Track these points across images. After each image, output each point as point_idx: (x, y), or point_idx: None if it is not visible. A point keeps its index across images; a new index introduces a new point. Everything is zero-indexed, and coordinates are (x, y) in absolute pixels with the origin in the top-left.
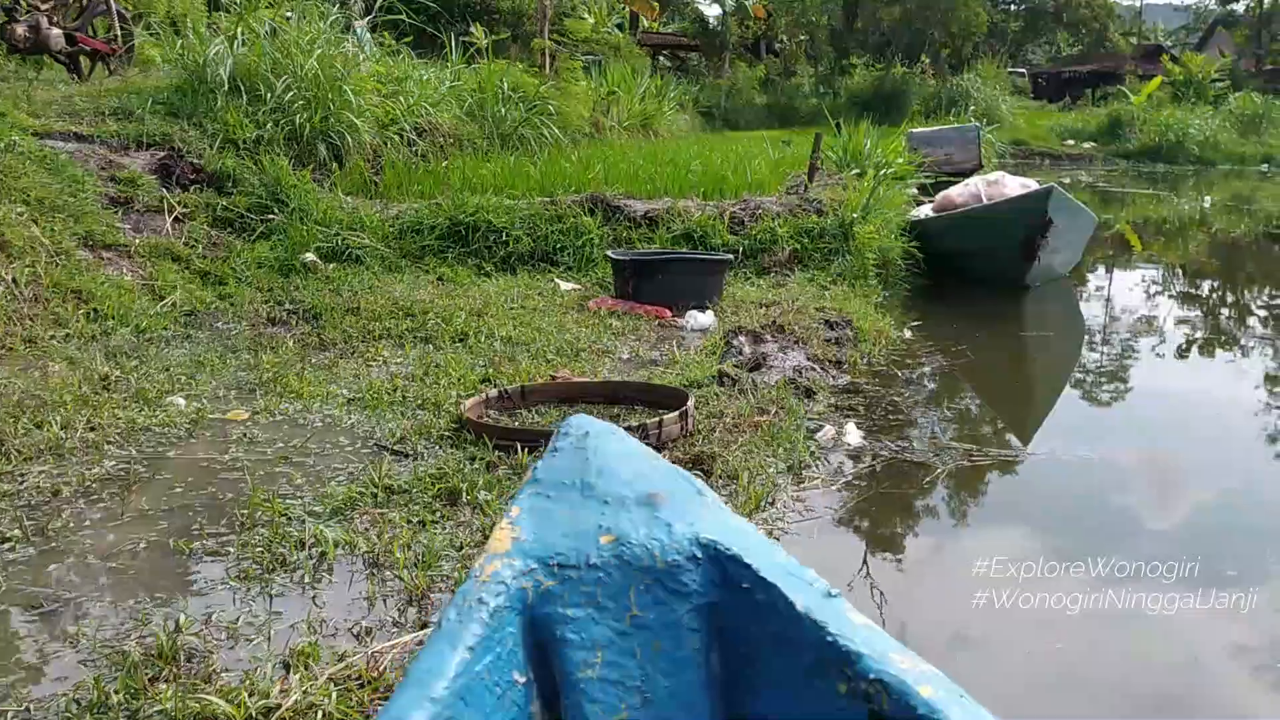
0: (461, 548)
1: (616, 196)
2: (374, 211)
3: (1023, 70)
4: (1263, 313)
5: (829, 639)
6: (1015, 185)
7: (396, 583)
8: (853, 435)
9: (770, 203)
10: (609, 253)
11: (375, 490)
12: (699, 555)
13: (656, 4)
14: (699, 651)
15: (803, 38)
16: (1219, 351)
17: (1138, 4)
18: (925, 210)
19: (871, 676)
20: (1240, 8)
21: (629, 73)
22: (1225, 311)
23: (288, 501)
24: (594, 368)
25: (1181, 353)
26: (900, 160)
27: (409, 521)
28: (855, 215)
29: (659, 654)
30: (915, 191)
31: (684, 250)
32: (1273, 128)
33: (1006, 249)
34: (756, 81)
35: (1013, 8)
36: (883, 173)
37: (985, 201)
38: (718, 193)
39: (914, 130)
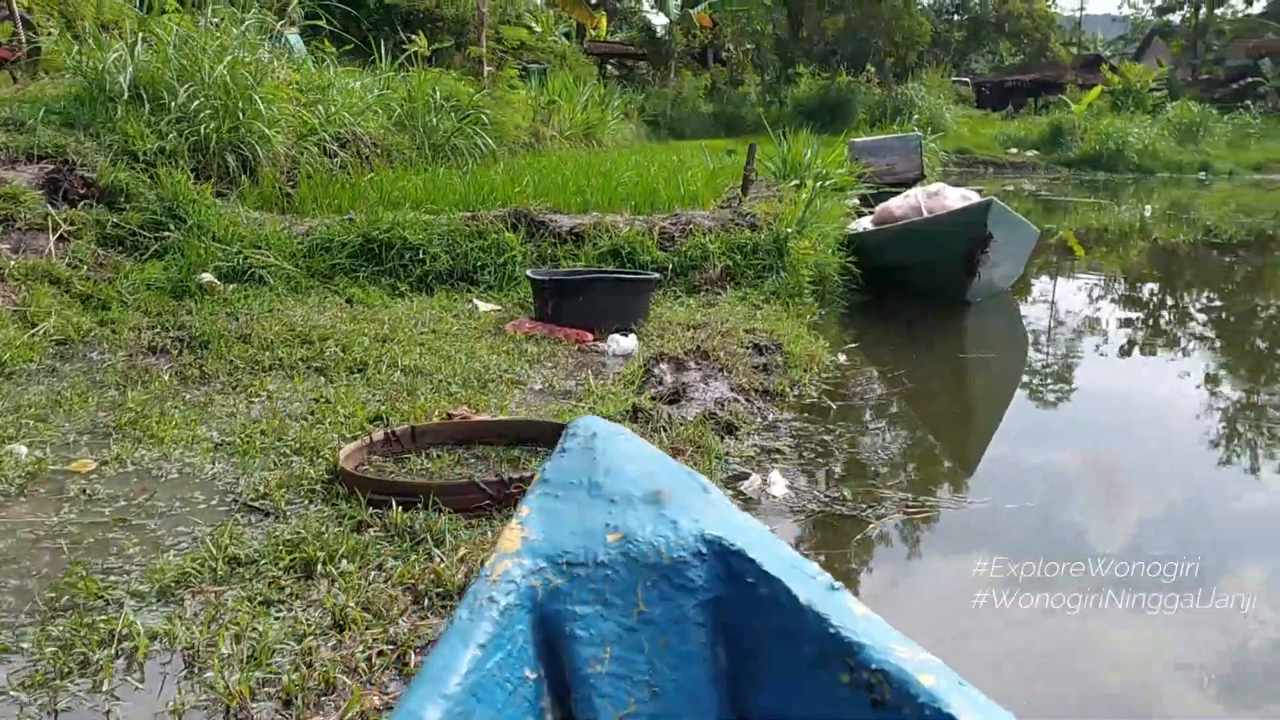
0: (304, 638)
1: (541, 211)
2: (281, 228)
3: (966, 79)
4: (1207, 327)
5: (831, 631)
6: (955, 197)
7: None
8: (778, 486)
9: (703, 217)
10: (529, 272)
11: (216, 562)
12: (704, 551)
13: (602, 15)
14: (705, 646)
15: (749, 47)
16: (1167, 366)
17: (1077, 15)
18: (865, 223)
19: (873, 667)
20: (1176, 19)
21: (570, 81)
22: (1168, 322)
23: (109, 578)
24: (502, 401)
25: (1126, 372)
26: (841, 171)
27: (250, 601)
28: (790, 230)
29: (666, 649)
30: (856, 202)
31: (608, 269)
32: (1209, 136)
33: (947, 263)
34: (702, 90)
35: (956, 18)
36: (821, 184)
37: (925, 214)
38: (649, 206)
39: (855, 140)
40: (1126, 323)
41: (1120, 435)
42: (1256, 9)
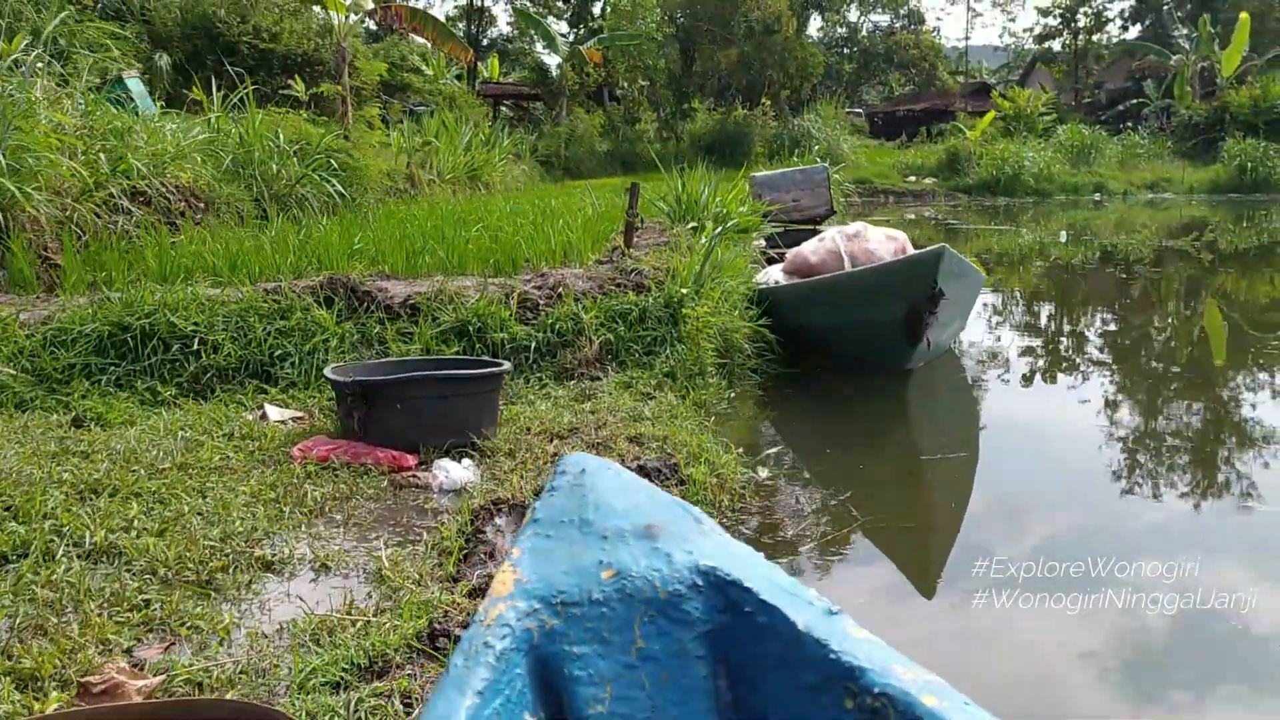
0: None
1: (368, 278)
2: (8, 315)
3: (859, 110)
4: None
5: (831, 656)
6: (880, 239)
7: None
8: None
9: (576, 277)
10: (328, 371)
11: None
12: (700, 583)
13: (493, 56)
14: (706, 678)
15: (643, 83)
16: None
17: (962, 45)
18: (775, 273)
19: (876, 691)
20: (1057, 45)
21: (451, 121)
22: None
23: None
24: (223, 616)
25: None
26: (743, 210)
27: None
28: (685, 290)
29: (666, 684)
30: (762, 244)
31: (451, 356)
32: (1101, 158)
33: (883, 329)
34: (598, 128)
35: (846, 50)
36: (722, 227)
37: (846, 260)
38: (511, 264)
39: (757, 174)
40: (1087, 367)
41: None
42: (1132, 34)
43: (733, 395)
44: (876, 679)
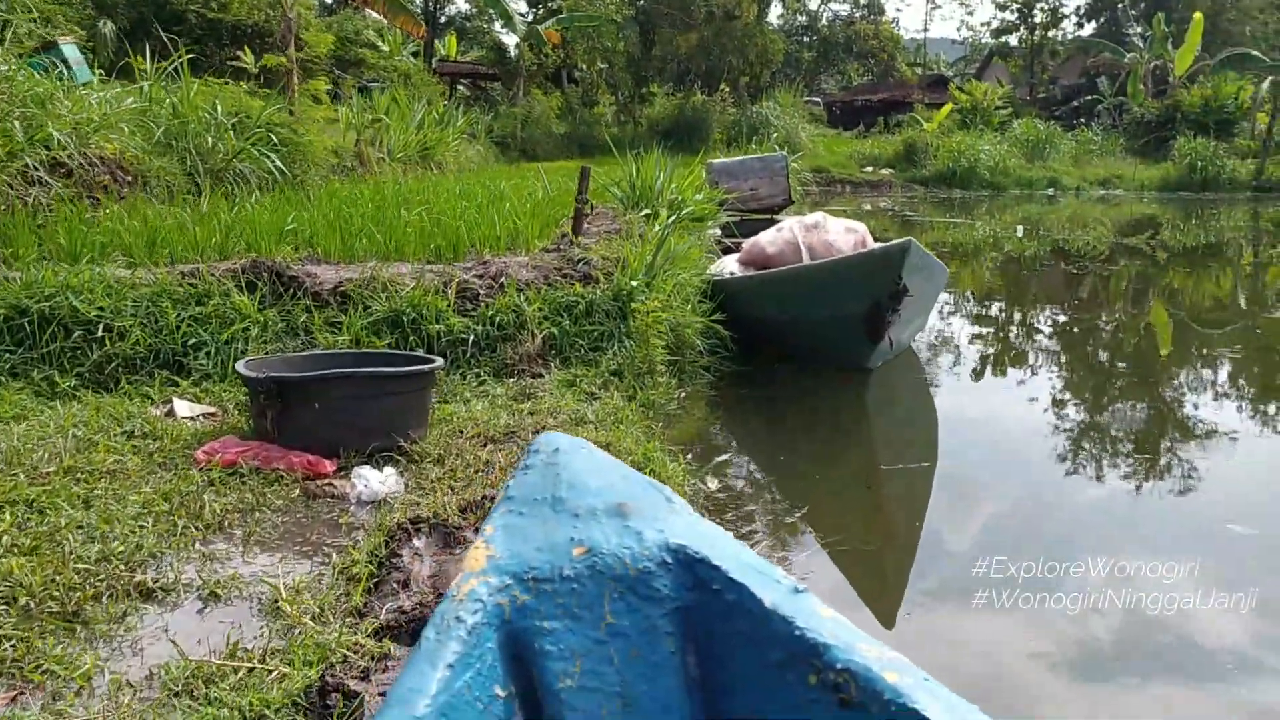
0: None
1: (296, 262)
2: None
3: (817, 99)
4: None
5: (797, 633)
6: (839, 230)
7: None
8: None
9: (519, 266)
10: (239, 365)
11: None
12: (669, 560)
13: (451, 34)
14: (674, 655)
15: (602, 66)
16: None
17: (921, 37)
18: (730, 264)
19: (839, 667)
20: (1014, 40)
21: (403, 98)
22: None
23: None
24: (110, 640)
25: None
26: (699, 197)
27: None
28: (636, 282)
29: (636, 659)
30: (718, 233)
31: (380, 349)
32: (1055, 153)
33: (843, 326)
34: (556, 110)
35: (806, 39)
36: (676, 215)
37: (805, 251)
38: (452, 250)
39: (714, 161)
40: (1042, 366)
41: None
42: (1088, 30)
43: (683, 395)
44: (840, 655)
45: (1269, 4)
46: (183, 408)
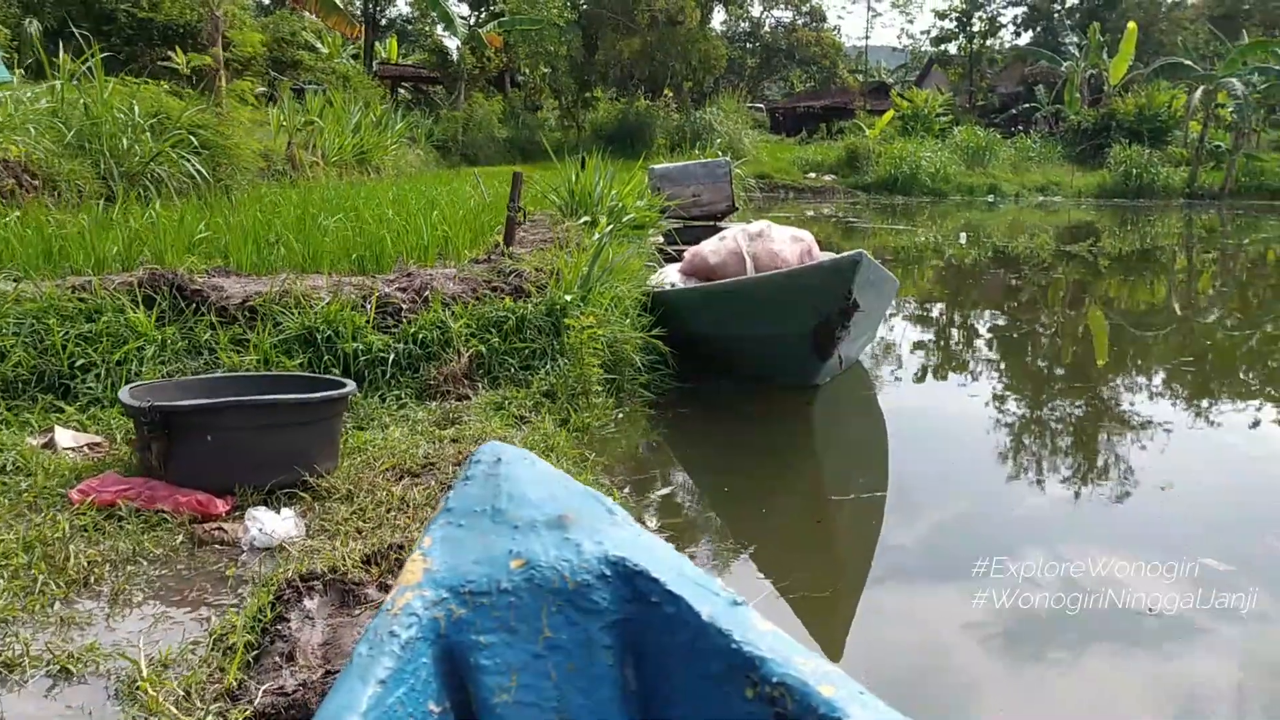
0: None
1: (199, 274)
2: None
3: (760, 105)
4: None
5: (734, 646)
6: (785, 239)
7: None
8: None
9: (446, 278)
10: (122, 393)
11: None
12: (608, 573)
13: (358, 24)
14: (613, 668)
15: (545, 70)
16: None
17: (862, 45)
18: (672, 274)
19: (775, 680)
20: (953, 48)
21: (338, 100)
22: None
23: None
24: None
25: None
26: (640, 204)
27: None
28: (569, 296)
29: (574, 673)
30: (660, 240)
31: (285, 374)
32: (995, 160)
33: (790, 342)
34: (498, 114)
35: (748, 45)
36: (616, 223)
37: (749, 261)
38: (375, 262)
39: (655, 166)
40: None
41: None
42: (1025, 40)
43: (620, 416)
44: (776, 668)
45: (1199, 15)
46: (65, 437)
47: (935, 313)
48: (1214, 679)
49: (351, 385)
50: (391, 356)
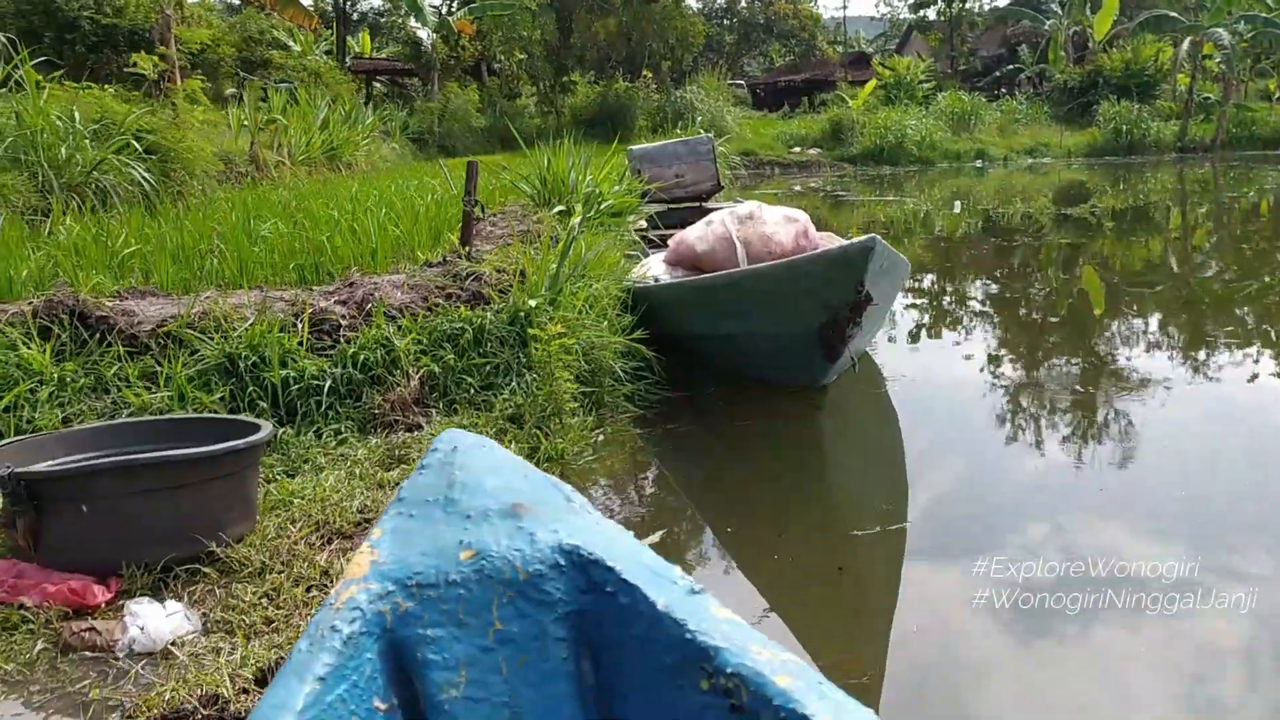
0: None
1: (106, 298)
2: None
3: (741, 82)
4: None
5: (688, 636)
6: (777, 220)
7: None
8: None
9: (393, 285)
10: None
11: None
12: (562, 563)
13: (314, 16)
14: (566, 660)
15: (521, 56)
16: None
17: (840, 15)
18: (655, 265)
19: (730, 671)
20: (932, 13)
21: (303, 96)
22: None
23: None
24: None
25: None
26: (618, 189)
27: None
28: (535, 301)
29: (525, 666)
30: (644, 226)
31: (178, 418)
32: (981, 124)
33: (794, 342)
34: (475, 103)
35: (726, 21)
36: (582, 217)
37: (739, 248)
38: (315, 271)
39: (635, 147)
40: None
41: None
42: (1004, 0)
43: (601, 438)
44: (731, 659)
45: None
46: None
47: (940, 289)
48: None
49: (267, 429)
50: (328, 384)
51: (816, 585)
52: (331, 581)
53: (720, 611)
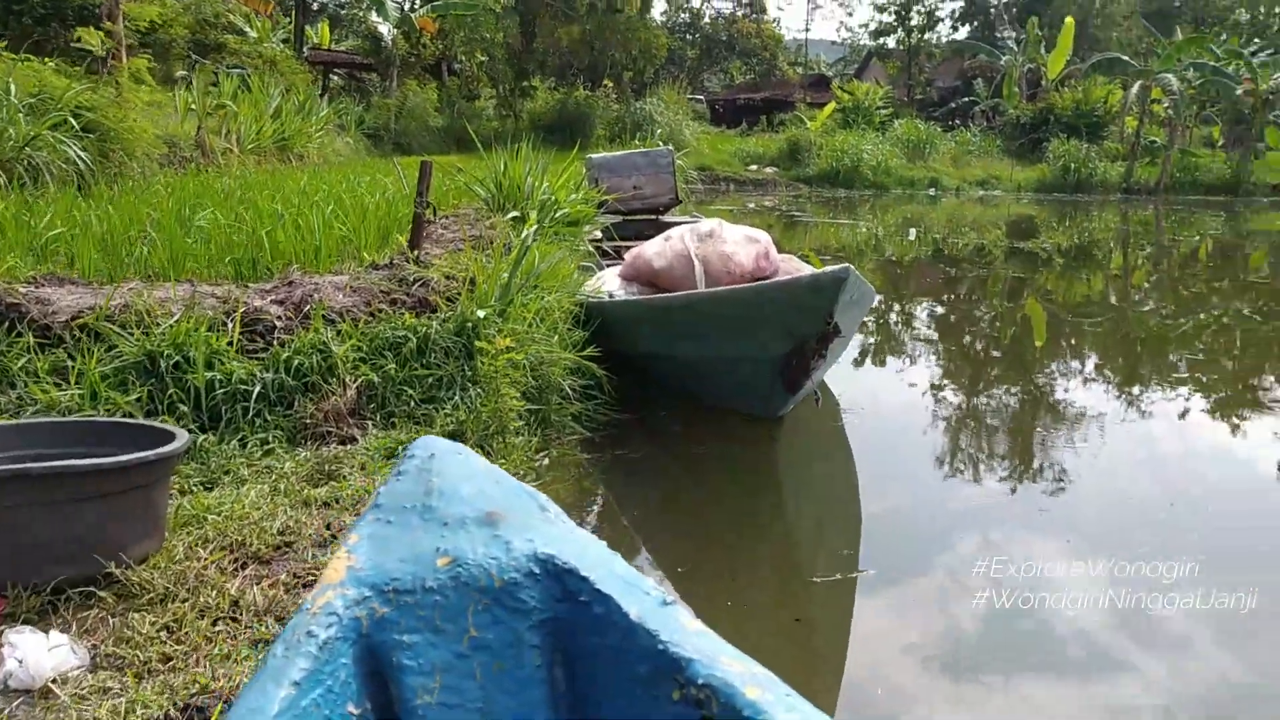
0: None
1: (20, 284)
2: None
3: (700, 97)
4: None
5: (660, 647)
6: (738, 240)
7: None
8: None
9: (334, 287)
10: None
11: None
12: (537, 571)
13: (273, 2)
14: (540, 668)
15: (482, 58)
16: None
17: (802, 37)
18: (610, 279)
19: (700, 682)
20: (891, 42)
21: (256, 83)
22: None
23: None
24: None
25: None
26: (575, 197)
27: None
28: (484, 311)
29: (500, 674)
30: (599, 236)
31: (82, 421)
32: (935, 153)
33: (754, 370)
34: (433, 102)
35: (689, 36)
36: (536, 226)
37: (698, 265)
38: (252, 267)
39: (594, 155)
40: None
41: None
42: (963, 34)
43: (546, 460)
44: (702, 670)
45: (1132, 11)
46: None
47: (896, 317)
48: None
49: (183, 439)
50: (257, 389)
51: (771, 636)
52: (242, 614)
53: (692, 623)
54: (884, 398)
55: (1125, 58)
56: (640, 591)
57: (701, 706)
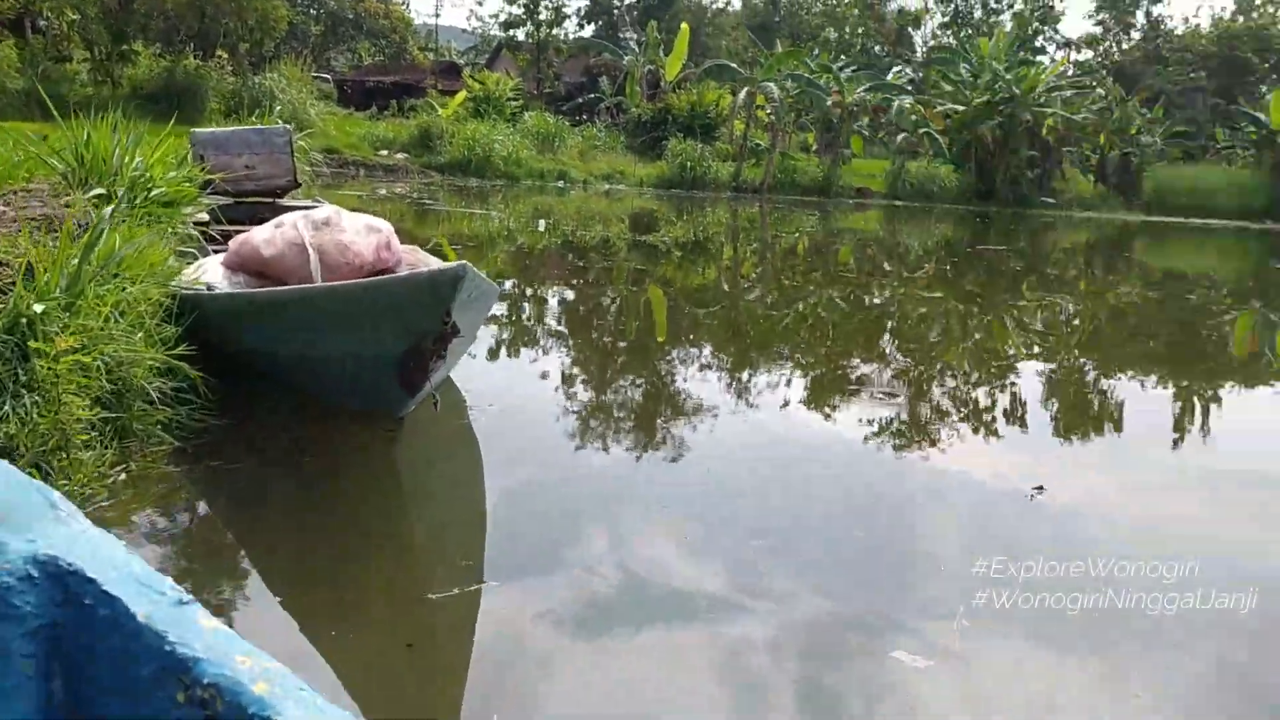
0: None
1: None
2: None
3: (327, 76)
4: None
5: (168, 647)
6: (358, 229)
7: None
8: None
9: None
10: None
11: None
12: (35, 574)
13: None
14: (33, 679)
15: (73, 16)
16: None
17: (432, 22)
18: (213, 267)
19: (206, 681)
20: (521, 34)
21: None
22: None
23: None
24: None
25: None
26: (173, 176)
27: None
28: (43, 306)
29: None
30: (206, 219)
31: None
32: (564, 147)
33: (370, 366)
34: (13, 61)
35: (313, 11)
36: (115, 205)
37: (313, 255)
38: None
39: (199, 130)
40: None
41: None
42: (589, 31)
43: (123, 477)
44: (209, 669)
45: (739, 23)
46: None
47: (525, 308)
48: None
49: None
50: None
51: (381, 664)
52: None
53: (208, 622)
54: (515, 390)
55: (734, 65)
56: (154, 591)
57: (205, 707)
